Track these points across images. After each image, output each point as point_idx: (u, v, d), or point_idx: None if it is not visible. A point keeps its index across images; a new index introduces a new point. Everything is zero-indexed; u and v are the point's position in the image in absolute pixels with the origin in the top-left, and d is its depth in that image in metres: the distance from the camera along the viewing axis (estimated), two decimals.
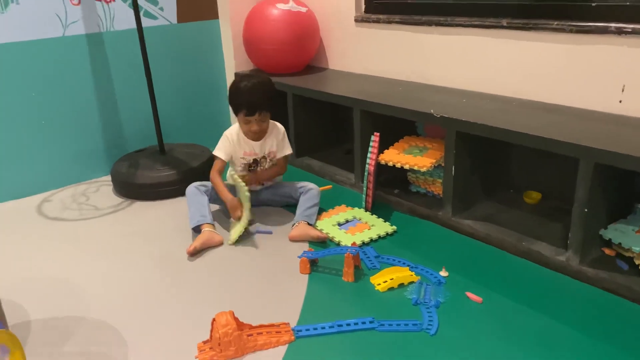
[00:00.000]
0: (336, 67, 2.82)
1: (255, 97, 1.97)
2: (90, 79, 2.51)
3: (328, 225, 2.00)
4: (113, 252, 1.93)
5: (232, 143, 2.06)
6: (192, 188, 2.05)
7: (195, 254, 1.86)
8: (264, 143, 2.09)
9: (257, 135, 2.06)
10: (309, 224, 1.97)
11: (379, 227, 1.98)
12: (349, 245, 1.81)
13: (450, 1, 2.24)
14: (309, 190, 2.08)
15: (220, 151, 2.06)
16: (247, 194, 1.89)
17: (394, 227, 1.97)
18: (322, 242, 1.90)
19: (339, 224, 2.02)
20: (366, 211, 2.12)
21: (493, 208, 2.02)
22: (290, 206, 2.14)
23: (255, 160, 2.10)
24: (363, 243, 1.88)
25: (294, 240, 1.93)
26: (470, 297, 1.56)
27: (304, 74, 2.73)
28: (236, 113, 2.03)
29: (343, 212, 2.10)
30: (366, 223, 2.02)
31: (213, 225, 1.97)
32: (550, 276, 1.66)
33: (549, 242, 1.76)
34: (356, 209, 2.13)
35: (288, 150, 2.15)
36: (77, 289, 1.71)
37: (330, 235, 1.92)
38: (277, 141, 2.12)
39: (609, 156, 1.47)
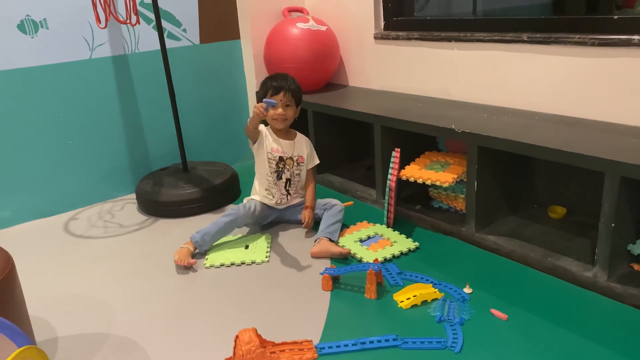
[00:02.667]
0: (356, 84, 2.84)
1: (282, 78, 2.06)
2: (116, 99, 2.57)
3: (350, 241, 2.00)
4: (137, 269, 1.95)
5: (264, 133, 2.11)
6: (233, 209, 2.07)
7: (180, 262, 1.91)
8: (294, 144, 2.13)
9: (283, 126, 2.10)
10: (331, 240, 1.97)
11: (401, 243, 1.97)
12: (371, 261, 1.80)
13: (470, 17, 2.24)
14: (333, 207, 2.09)
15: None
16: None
17: (416, 244, 1.95)
18: (344, 259, 1.90)
19: (361, 241, 2.01)
20: (388, 227, 2.11)
21: (517, 223, 2.00)
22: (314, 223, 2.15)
23: (281, 158, 2.11)
24: (385, 259, 1.87)
25: (315, 256, 1.93)
26: (495, 314, 1.54)
27: (324, 91, 2.76)
28: (263, 98, 2.05)
29: (365, 229, 2.10)
30: (388, 239, 2.01)
31: (195, 248, 1.98)
32: (577, 292, 1.63)
33: (575, 257, 1.73)
34: (378, 225, 2.13)
35: (317, 160, 2.22)
36: (102, 306, 1.73)
37: (352, 252, 1.92)
38: (308, 150, 2.17)
39: (635, 169, 1.45)
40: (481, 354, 1.39)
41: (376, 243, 1.99)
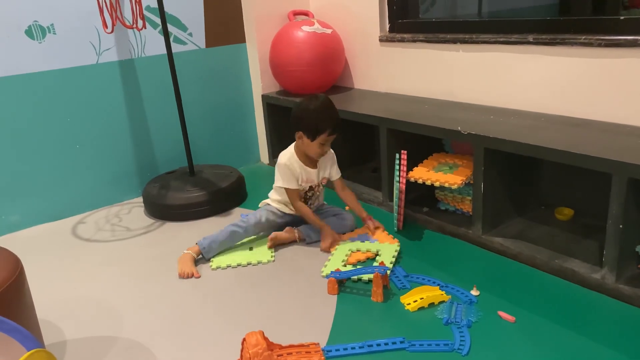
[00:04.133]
0: (362, 87, 2.84)
1: (336, 118, 1.94)
2: (122, 103, 2.58)
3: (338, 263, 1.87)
4: (144, 272, 1.96)
5: (293, 171, 2.01)
6: (244, 220, 2.07)
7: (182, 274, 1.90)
8: (320, 170, 2.08)
9: (316, 161, 2.06)
10: (302, 236, 2.06)
11: (385, 251, 1.88)
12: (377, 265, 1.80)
13: (475, 19, 2.23)
14: (344, 220, 2.11)
15: (290, 182, 2.00)
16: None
17: (396, 240, 1.92)
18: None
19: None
20: (397, 230, 2.10)
21: (524, 225, 1.99)
22: None
23: (310, 188, 2.09)
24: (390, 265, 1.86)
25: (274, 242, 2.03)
26: (502, 317, 1.53)
27: (329, 94, 2.75)
28: (315, 135, 1.93)
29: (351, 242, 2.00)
30: (376, 252, 1.92)
31: (200, 255, 1.98)
32: (585, 294, 1.62)
33: (583, 259, 1.72)
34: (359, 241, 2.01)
35: (339, 172, 2.14)
36: (110, 309, 1.74)
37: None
38: (330, 165, 2.11)
39: None
40: (489, 356, 1.38)
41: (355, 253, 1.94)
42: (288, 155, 2.03)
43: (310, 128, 1.93)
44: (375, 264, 1.84)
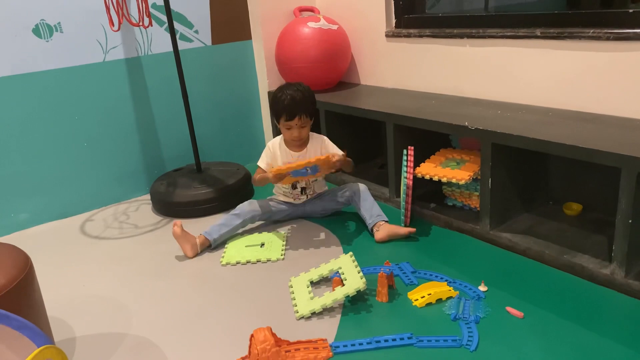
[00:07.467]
0: (368, 83, 2.83)
1: (296, 102, 2.00)
2: (129, 101, 2.59)
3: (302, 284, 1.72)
4: (153, 269, 1.97)
5: (272, 153, 2.11)
6: (236, 212, 2.12)
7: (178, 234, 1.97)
8: (305, 155, 2.11)
9: (299, 144, 2.08)
10: (387, 222, 2.02)
11: (350, 281, 1.63)
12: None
13: (482, 13, 2.22)
14: (358, 190, 2.11)
15: (261, 161, 2.11)
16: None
17: (364, 280, 1.61)
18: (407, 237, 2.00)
19: (312, 283, 1.74)
20: (405, 226, 2.09)
21: (532, 220, 1.98)
22: (335, 214, 2.15)
23: None
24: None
25: (382, 241, 1.99)
26: (510, 312, 1.53)
27: (336, 90, 2.76)
28: (278, 120, 2.06)
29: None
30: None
31: (207, 241, 2.04)
32: (594, 290, 1.61)
33: (592, 254, 1.71)
34: (342, 257, 1.76)
35: (339, 151, 2.10)
36: (119, 306, 1.75)
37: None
38: (321, 150, 2.12)
39: None
40: (497, 352, 1.38)
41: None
42: (277, 137, 2.15)
43: (273, 112, 2.08)
44: (345, 280, 1.65)
